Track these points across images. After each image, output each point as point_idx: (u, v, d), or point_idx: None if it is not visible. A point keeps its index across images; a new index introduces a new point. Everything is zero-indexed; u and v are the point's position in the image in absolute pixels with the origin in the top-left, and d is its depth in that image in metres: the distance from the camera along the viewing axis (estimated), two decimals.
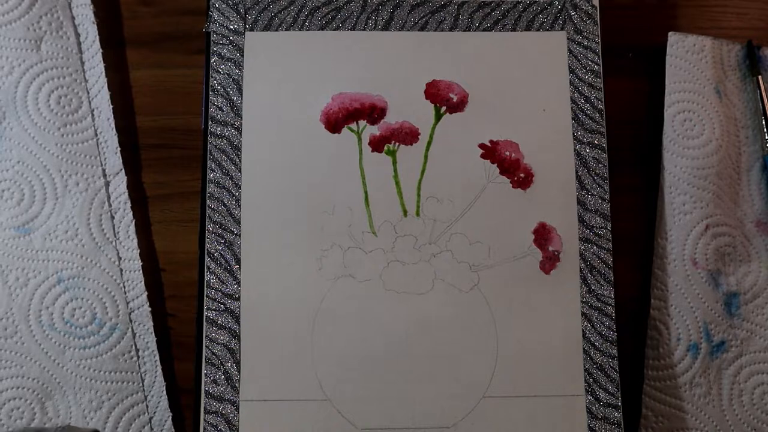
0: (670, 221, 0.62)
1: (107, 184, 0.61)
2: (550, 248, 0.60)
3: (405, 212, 0.61)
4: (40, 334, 0.59)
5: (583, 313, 0.59)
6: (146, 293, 0.61)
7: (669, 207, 0.62)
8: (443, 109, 0.62)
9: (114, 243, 0.61)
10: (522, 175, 0.61)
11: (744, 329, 0.61)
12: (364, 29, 0.63)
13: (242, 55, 0.62)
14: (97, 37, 0.63)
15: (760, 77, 0.64)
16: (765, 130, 0.63)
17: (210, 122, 0.61)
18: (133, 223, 0.61)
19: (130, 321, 0.60)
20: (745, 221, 0.63)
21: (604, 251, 0.60)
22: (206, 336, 0.59)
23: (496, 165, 0.61)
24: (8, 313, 0.59)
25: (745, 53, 0.65)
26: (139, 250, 0.61)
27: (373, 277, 0.60)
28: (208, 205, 0.60)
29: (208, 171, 0.61)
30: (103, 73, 0.62)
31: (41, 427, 0.54)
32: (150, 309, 0.60)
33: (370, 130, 0.62)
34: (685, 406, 0.60)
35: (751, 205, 0.63)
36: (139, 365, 0.60)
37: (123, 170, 0.62)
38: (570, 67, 0.63)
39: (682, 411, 0.60)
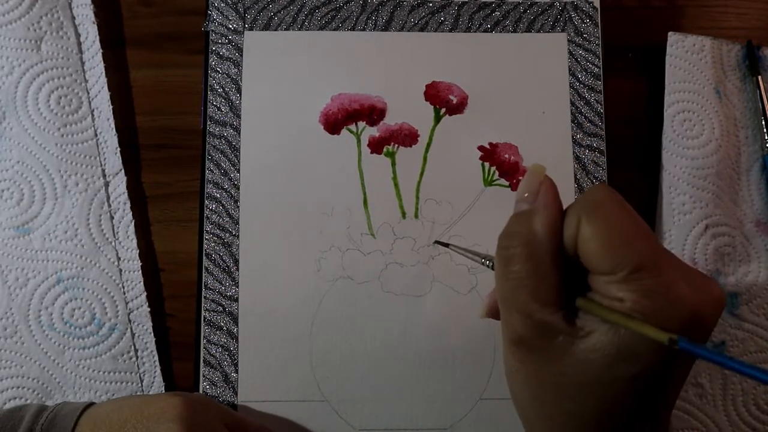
0: (670, 221, 0.62)
1: (107, 184, 0.61)
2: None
3: (404, 214, 0.61)
4: (40, 334, 0.60)
5: None
6: (145, 293, 0.60)
7: (668, 207, 0.62)
8: (443, 110, 0.62)
9: (113, 243, 0.61)
10: (521, 177, 0.61)
11: (744, 329, 0.61)
12: (364, 29, 0.63)
13: (241, 55, 0.62)
14: (98, 37, 0.63)
15: (759, 77, 0.64)
16: (765, 130, 0.63)
17: (209, 122, 0.61)
18: (133, 223, 0.61)
19: (129, 321, 0.60)
20: (744, 221, 0.63)
21: None
22: (204, 337, 0.59)
23: (495, 167, 0.61)
24: (8, 313, 0.59)
25: (745, 53, 0.65)
26: (138, 251, 0.61)
27: (372, 279, 0.60)
28: (207, 206, 0.60)
29: (207, 171, 0.61)
30: (103, 73, 0.62)
31: (42, 404, 0.54)
32: (149, 309, 0.60)
33: (370, 132, 0.62)
34: (685, 406, 0.60)
35: (751, 205, 0.63)
36: (138, 365, 0.60)
37: (123, 170, 0.62)
38: (570, 69, 0.63)
39: (682, 411, 0.60)
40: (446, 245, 0.60)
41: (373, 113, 0.62)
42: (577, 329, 0.39)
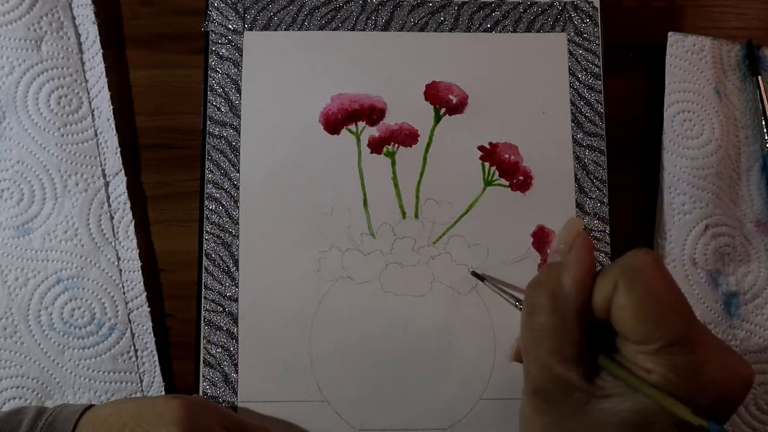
0: (670, 221, 0.62)
1: (107, 184, 0.61)
2: (549, 251, 0.60)
3: (404, 214, 0.61)
4: (40, 334, 0.59)
5: None
6: (145, 293, 0.60)
7: (668, 207, 0.62)
8: (443, 110, 0.62)
9: (113, 243, 0.61)
10: (521, 177, 0.61)
11: (744, 329, 0.61)
12: (364, 29, 0.63)
13: (241, 55, 0.62)
14: (98, 37, 0.63)
15: (760, 77, 0.64)
16: (765, 130, 0.63)
17: (208, 122, 0.61)
18: (133, 223, 0.61)
19: (129, 321, 0.60)
20: (744, 221, 0.63)
21: (603, 254, 0.60)
22: (204, 337, 0.59)
23: (495, 167, 0.61)
24: (7, 313, 0.59)
25: (745, 53, 0.65)
26: (138, 251, 0.61)
27: (372, 279, 0.60)
28: (206, 206, 0.60)
29: (207, 172, 0.61)
30: (104, 73, 0.62)
31: (41, 406, 0.55)
32: (149, 309, 0.60)
33: (369, 132, 0.62)
34: None
35: (751, 205, 0.63)
36: (137, 365, 0.60)
37: (123, 170, 0.62)
38: (570, 69, 0.63)
39: None
40: (482, 279, 0.60)
41: (372, 113, 0.62)
42: (596, 388, 0.39)
